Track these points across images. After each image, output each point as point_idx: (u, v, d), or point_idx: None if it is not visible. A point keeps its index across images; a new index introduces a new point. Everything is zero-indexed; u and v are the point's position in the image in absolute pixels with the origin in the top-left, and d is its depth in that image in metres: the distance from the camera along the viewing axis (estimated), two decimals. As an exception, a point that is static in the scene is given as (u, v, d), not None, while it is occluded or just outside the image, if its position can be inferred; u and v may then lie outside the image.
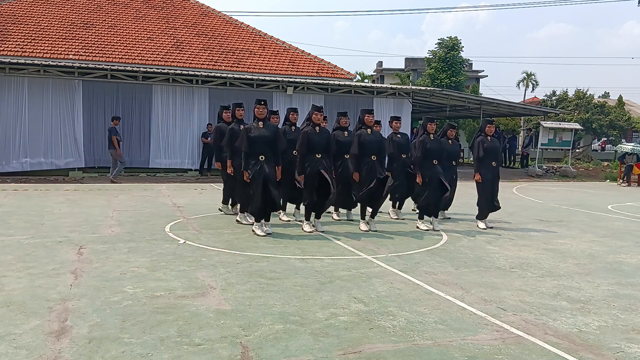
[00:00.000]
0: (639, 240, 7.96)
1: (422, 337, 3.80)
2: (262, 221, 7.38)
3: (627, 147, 20.79)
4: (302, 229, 7.75)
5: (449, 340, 3.77)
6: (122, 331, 3.74)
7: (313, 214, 7.82)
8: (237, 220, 8.31)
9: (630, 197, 14.92)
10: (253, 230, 7.40)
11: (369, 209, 8.06)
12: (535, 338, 3.86)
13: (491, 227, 8.52)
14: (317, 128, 7.68)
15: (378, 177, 7.68)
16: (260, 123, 7.34)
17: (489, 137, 8.60)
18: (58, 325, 3.81)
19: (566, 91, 34.64)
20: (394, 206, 9.44)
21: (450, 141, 8.94)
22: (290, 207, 8.81)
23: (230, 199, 9.10)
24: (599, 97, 44.92)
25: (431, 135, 8.33)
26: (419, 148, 8.21)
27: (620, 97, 36.39)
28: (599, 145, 40.31)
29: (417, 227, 8.28)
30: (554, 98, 34.63)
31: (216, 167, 9.07)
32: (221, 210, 9.19)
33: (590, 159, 32.29)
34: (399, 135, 8.96)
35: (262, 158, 7.17)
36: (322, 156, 7.61)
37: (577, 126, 25.51)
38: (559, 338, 3.88)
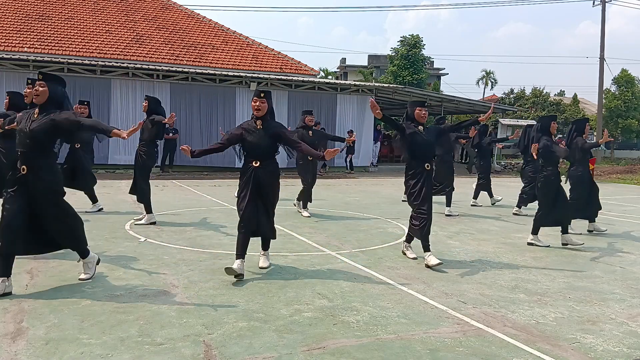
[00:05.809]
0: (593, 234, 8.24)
1: (385, 332, 3.85)
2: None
3: None
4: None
5: (411, 333, 3.83)
6: (81, 332, 3.65)
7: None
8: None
9: (584, 192, 15.38)
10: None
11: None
12: (495, 330, 3.95)
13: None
14: (310, 132, 8.48)
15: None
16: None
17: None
18: (14, 327, 3.69)
19: (523, 89, 35.70)
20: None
21: None
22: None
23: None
24: (555, 95, 46.32)
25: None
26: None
27: (575, 95, 37.69)
28: (554, 142, 41.49)
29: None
30: (512, 96, 35.56)
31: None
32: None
33: (547, 156, 33.26)
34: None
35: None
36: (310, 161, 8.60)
37: (534, 123, 26.21)
38: (518, 330, 3.99)
